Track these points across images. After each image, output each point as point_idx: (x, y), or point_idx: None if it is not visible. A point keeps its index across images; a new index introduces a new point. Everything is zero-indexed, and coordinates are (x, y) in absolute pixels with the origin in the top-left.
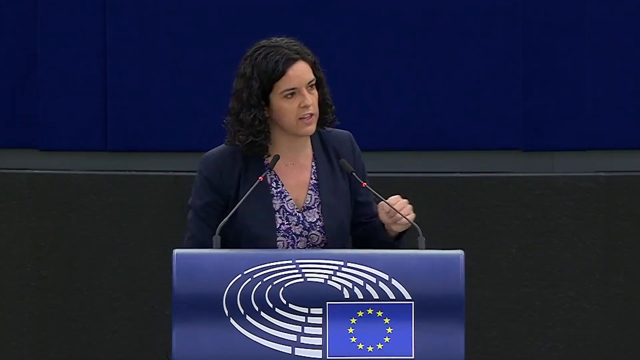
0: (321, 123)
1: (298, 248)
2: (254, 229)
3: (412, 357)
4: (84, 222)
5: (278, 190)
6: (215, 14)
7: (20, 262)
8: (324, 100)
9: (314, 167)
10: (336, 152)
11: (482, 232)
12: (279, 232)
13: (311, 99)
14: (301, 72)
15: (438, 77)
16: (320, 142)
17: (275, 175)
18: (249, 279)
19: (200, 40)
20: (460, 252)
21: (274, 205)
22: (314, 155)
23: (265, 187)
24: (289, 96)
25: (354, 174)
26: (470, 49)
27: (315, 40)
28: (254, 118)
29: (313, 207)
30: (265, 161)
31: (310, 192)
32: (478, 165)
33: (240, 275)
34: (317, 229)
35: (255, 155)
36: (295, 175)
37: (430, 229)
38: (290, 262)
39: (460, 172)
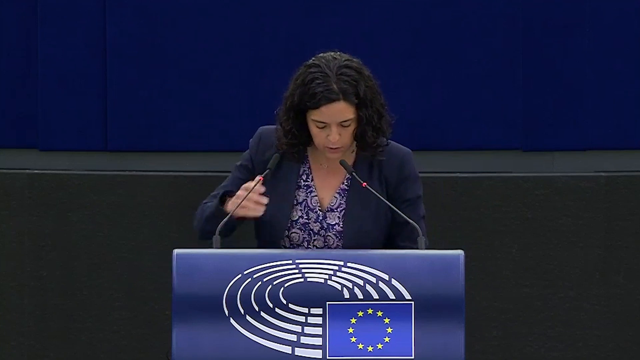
0: (362, 151)
1: (315, 246)
2: (269, 215)
3: (412, 357)
4: (84, 222)
5: (306, 184)
6: (215, 14)
7: (20, 262)
8: (362, 138)
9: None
10: (380, 166)
11: (482, 232)
12: (295, 224)
13: (339, 135)
14: (334, 112)
15: (438, 77)
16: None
17: (309, 169)
18: (249, 279)
19: (200, 40)
20: (460, 252)
21: (297, 197)
22: (354, 163)
23: (294, 177)
24: (320, 126)
25: (353, 173)
26: (470, 49)
27: (315, 40)
28: (289, 130)
29: (336, 210)
30: (302, 152)
31: (337, 195)
32: (478, 165)
33: (240, 275)
34: (334, 232)
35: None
36: (326, 176)
37: (431, 229)
38: (290, 262)
39: (460, 172)
